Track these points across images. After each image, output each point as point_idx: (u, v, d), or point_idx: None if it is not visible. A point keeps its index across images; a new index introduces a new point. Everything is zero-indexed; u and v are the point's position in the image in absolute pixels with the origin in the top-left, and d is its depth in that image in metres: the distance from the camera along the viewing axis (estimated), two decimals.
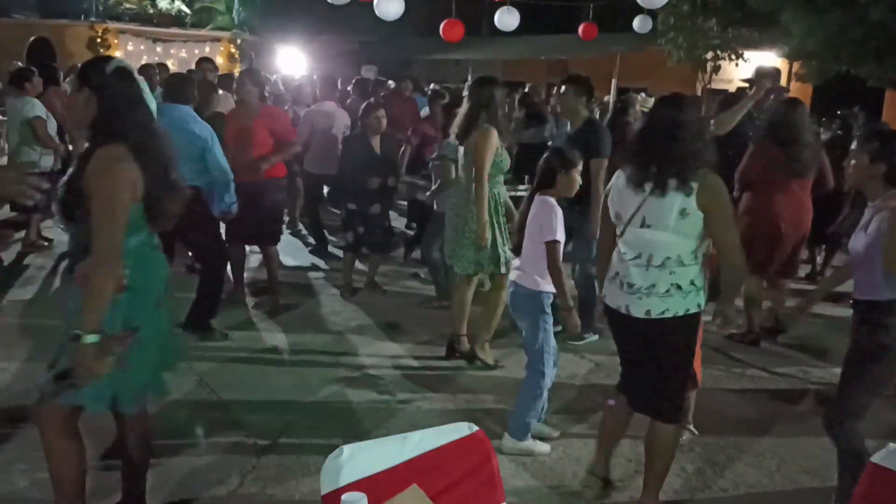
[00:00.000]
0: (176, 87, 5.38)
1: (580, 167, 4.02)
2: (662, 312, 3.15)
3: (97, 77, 2.76)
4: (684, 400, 3.40)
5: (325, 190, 8.60)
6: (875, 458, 2.23)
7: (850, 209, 6.86)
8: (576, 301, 4.56)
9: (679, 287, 3.14)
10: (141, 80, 2.92)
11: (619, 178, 3.32)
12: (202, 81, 6.82)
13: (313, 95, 9.45)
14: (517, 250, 4.02)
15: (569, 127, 5.62)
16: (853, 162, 3.39)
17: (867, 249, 3.26)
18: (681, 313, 3.16)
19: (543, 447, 4.04)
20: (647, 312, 3.17)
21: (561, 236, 3.85)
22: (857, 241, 3.36)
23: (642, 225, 3.16)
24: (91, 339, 2.61)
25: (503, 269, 4.85)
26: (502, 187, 5.01)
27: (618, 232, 3.30)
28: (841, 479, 3.46)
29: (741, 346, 5.77)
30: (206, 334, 5.38)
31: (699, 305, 3.20)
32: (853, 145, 3.44)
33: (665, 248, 3.13)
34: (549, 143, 8.14)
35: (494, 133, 4.76)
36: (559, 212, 3.88)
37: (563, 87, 5.51)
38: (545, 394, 4.02)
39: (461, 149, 5.35)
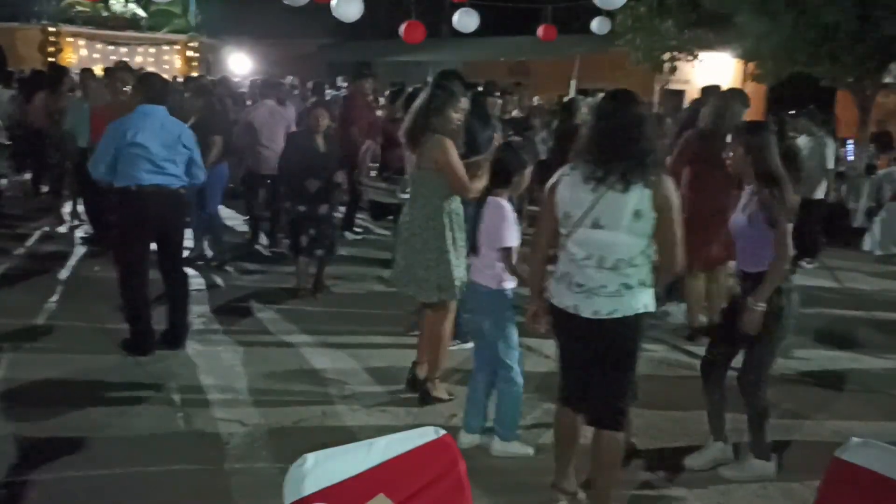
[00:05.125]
0: (155, 87, 5.28)
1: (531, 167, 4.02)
2: (611, 312, 3.11)
3: None
4: (628, 406, 3.36)
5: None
6: (838, 453, 2.24)
7: None
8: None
9: (628, 287, 3.11)
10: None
11: (568, 175, 3.21)
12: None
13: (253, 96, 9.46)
14: (473, 250, 3.97)
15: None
16: (731, 153, 3.82)
17: (752, 229, 3.67)
18: (630, 314, 3.13)
19: (527, 448, 4.04)
20: (596, 312, 3.13)
21: (513, 242, 3.80)
22: (739, 221, 3.78)
23: (594, 225, 3.10)
24: None
25: (457, 294, 4.49)
26: (459, 202, 4.52)
27: (565, 231, 3.21)
28: (755, 436, 3.86)
29: (681, 340, 5.87)
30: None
31: (645, 306, 3.17)
32: (728, 138, 3.89)
33: (617, 249, 3.09)
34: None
35: (451, 143, 4.34)
36: (511, 216, 3.85)
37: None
38: (521, 389, 4.01)
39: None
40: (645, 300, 3.16)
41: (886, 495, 2.10)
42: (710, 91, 7.75)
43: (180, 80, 13.88)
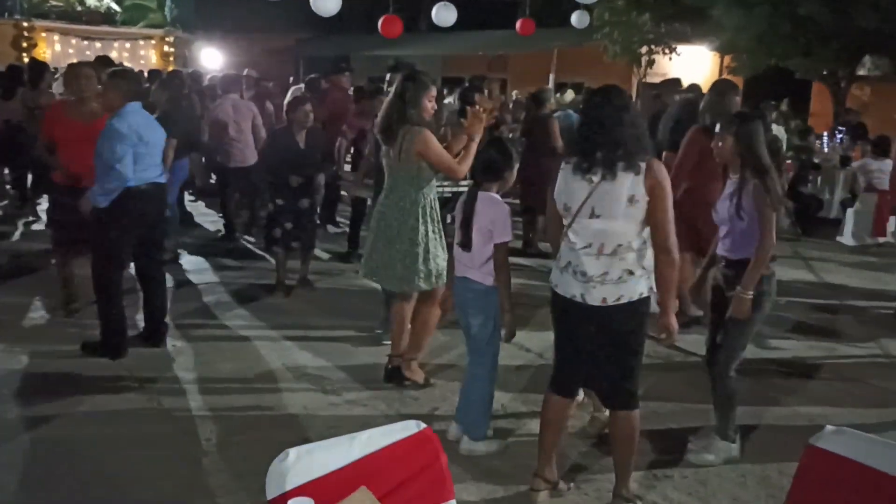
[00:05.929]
0: (135, 83, 5.22)
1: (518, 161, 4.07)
2: (618, 299, 3.21)
3: None
4: (637, 386, 3.42)
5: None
6: (813, 441, 2.28)
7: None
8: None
9: (631, 272, 3.20)
10: None
11: (564, 169, 3.33)
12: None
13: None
14: (466, 246, 3.91)
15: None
16: (720, 143, 3.89)
17: (737, 217, 3.76)
18: (634, 298, 3.23)
19: (498, 445, 4.03)
20: (604, 300, 3.21)
21: (510, 236, 3.86)
22: (724, 209, 3.86)
23: (591, 215, 3.19)
24: None
25: (435, 284, 4.54)
26: (435, 193, 4.61)
27: (566, 223, 3.31)
28: (720, 419, 3.96)
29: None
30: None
31: (651, 288, 3.28)
32: (717, 128, 3.98)
33: (615, 237, 3.18)
34: None
35: (430, 133, 4.43)
36: (507, 210, 3.87)
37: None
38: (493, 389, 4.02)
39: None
40: (649, 283, 3.27)
41: (860, 482, 2.14)
42: (668, 85, 7.85)
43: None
